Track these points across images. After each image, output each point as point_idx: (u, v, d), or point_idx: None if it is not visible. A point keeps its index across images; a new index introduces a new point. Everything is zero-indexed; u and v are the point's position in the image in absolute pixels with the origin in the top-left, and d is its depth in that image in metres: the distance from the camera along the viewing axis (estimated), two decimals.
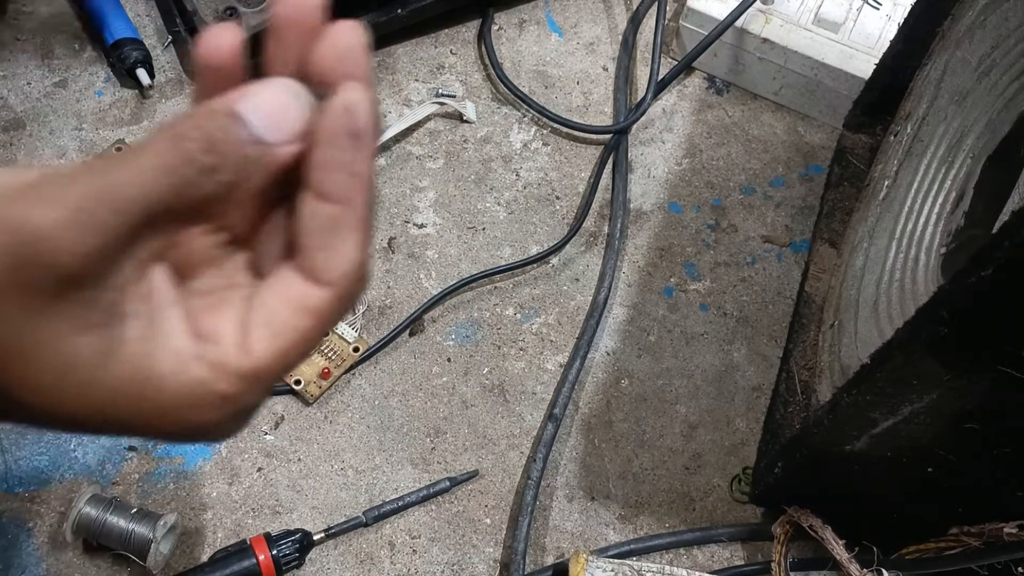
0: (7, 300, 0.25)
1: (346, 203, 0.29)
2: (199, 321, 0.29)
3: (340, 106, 0.28)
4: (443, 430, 0.73)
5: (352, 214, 0.29)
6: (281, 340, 0.29)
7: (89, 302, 0.26)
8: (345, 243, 0.29)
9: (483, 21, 0.91)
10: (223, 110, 0.28)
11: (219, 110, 0.28)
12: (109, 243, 0.26)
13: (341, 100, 0.28)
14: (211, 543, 0.68)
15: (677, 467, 0.74)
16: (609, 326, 0.79)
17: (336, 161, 0.28)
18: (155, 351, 0.28)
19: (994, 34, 0.59)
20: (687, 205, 0.85)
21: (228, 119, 0.28)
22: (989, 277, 0.39)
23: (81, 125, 0.83)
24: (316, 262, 0.29)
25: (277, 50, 0.32)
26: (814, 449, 0.61)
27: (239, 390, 0.29)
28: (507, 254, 0.81)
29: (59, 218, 0.25)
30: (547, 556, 0.70)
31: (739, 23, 0.85)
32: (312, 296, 0.29)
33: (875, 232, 0.68)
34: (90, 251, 0.25)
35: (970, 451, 0.53)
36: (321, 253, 0.29)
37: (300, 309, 0.29)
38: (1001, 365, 0.43)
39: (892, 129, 0.77)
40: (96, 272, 0.26)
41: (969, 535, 0.59)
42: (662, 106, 0.90)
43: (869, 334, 0.61)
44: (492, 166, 0.85)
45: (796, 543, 0.68)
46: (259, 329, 0.29)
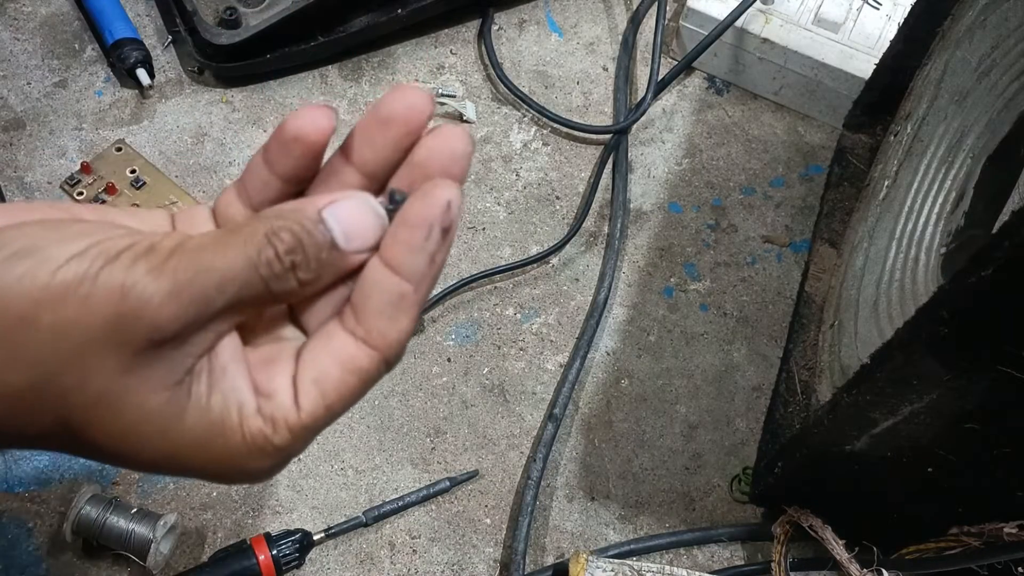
0: (105, 354, 0.28)
1: (417, 283, 0.31)
2: (256, 376, 0.32)
3: (442, 200, 0.30)
4: (443, 430, 0.73)
5: (418, 294, 0.31)
6: (330, 397, 0.31)
7: (173, 362, 0.29)
8: (405, 316, 0.31)
9: (483, 21, 0.91)
10: (312, 215, 0.30)
11: (309, 215, 0.30)
12: (202, 318, 0.29)
13: (444, 195, 0.31)
14: (211, 543, 0.68)
15: (677, 467, 0.74)
16: (609, 326, 0.79)
17: (421, 247, 0.31)
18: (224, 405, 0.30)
19: (994, 34, 0.59)
20: (687, 205, 0.85)
21: (316, 225, 0.30)
22: (989, 277, 0.39)
23: (81, 125, 0.83)
24: (373, 327, 0.31)
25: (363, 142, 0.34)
26: (814, 449, 0.61)
27: (291, 442, 0.31)
28: (507, 254, 0.81)
29: (163, 289, 0.28)
30: (547, 556, 0.70)
31: (739, 23, 0.85)
32: (363, 358, 0.31)
33: (875, 232, 0.68)
34: (186, 322, 0.29)
35: (970, 451, 0.53)
36: (381, 321, 0.31)
37: (350, 369, 0.31)
38: (1001, 365, 0.43)
39: (892, 129, 0.77)
40: (185, 338, 0.29)
41: (969, 535, 0.59)
42: (662, 106, 0.90)
43: (869, 334, 0.61)
44: (492, 166, 0.85)
45: (796, 543, 0.68)
46: (310, 386, 0.31)
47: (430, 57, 0.89)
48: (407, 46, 0.90)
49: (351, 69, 0.88)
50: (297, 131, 0.33)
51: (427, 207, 0.31)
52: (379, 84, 0.87)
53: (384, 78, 0.88)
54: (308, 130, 0.33)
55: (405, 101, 0.33)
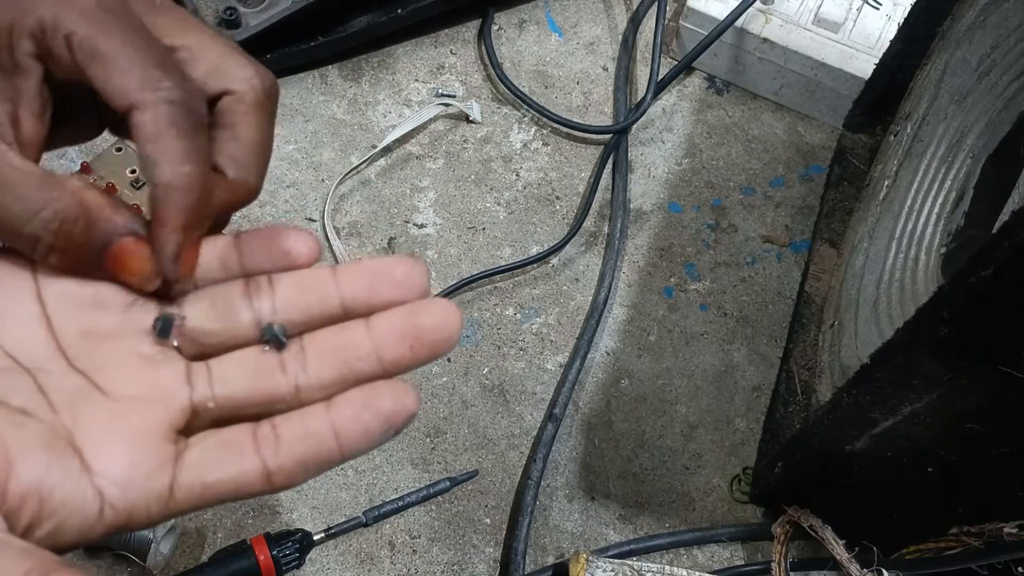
0: None
1: (347, 456, 0.31)
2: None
3: (410, 410, 0.31)
4: (443, 430, 0.74)
5: (343, 461, 0.32)
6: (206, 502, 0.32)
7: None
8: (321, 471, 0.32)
9: (483, 21, 0.91)
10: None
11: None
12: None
13: (413, 407, 0.32)
14: (211, 543, 0.68)
15: (677, 467, 0.74)
16: (609, 326, 0.79)
17: (374, 438, 0.31)
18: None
19: (994, 34, 0.59)
20: (687, 205, 0.85)
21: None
22: (989, 277, 0.39)
23: None
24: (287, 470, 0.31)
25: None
26: (814, 449, 0.61)
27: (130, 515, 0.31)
28: (507, 254, 0.81)
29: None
30: (547, 556, 0.70)
31: (739, 23, 0.85)
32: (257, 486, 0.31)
33: (875, 232, 0.68)
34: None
35: (970, 451, 0.53)
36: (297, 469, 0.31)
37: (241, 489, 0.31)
38: (1001, 365, 0.43)
39: (892, 129, 0.77)
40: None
41: (969, 535, 0.59)
42: (662, 106, 0.90)
43: (869, 334, 0.61)
44: (492, 166, 0.85)
45: (796, 543, 0.68)
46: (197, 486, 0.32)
47: (430, 57, 0.90)
48: (407, 46, 0.90)
49: (351, 69, 0.88)
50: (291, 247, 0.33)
51: (399, 411, 0.31)
52: (379, 84, 0.87)
53: (384, 78, 0.88)
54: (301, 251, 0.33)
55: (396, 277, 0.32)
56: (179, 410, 0.31)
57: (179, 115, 0.30)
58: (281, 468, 0.30)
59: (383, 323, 0.32)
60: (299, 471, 0.31)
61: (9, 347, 0.31)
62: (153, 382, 0.31)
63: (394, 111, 0.86)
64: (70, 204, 0.30)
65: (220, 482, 0.30)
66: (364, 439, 0.31)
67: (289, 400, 0.32)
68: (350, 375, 0.32)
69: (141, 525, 0.30)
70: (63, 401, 0.30)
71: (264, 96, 0.33)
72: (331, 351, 0.32)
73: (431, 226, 0.81)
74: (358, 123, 0.85)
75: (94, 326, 0.32)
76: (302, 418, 0.31)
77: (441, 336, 0.32)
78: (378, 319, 0.32)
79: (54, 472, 0.28)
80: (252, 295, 0.33)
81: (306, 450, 0.30)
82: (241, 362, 0.32)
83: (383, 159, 0.84)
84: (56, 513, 0.28)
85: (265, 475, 0.30)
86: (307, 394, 0.32)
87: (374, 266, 0.32)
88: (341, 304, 0.33)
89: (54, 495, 0.28)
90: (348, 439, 0.31)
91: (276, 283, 0.33)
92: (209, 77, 0.33)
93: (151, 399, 0.31)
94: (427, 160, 0.84)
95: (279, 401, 0.32)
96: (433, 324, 0.32)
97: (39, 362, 0.31)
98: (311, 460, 0.31)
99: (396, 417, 0.31)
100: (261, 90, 0.33)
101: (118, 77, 0.30)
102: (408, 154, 0.85)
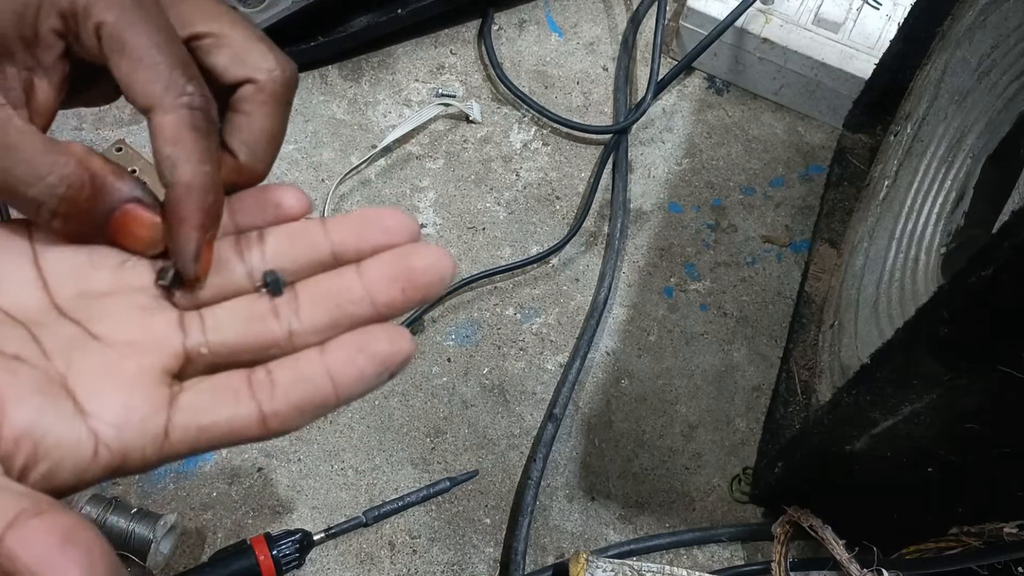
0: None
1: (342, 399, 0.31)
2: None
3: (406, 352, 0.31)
4: (443, 430, 0.73)
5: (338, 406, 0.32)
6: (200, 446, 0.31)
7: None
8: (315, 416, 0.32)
9: (483, 21, 0.91)
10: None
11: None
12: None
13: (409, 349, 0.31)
14: (211, 543, 0.68)
15: (677, 467, 0.74)
16: (609, 326, 0.79)
17: (369, 379, 0.31)
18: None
19: (994, 34, 0.59)
20: (687, 205, 0.85)
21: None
22: (989, 277, 0.39)
23: (81, 125, 0.83)
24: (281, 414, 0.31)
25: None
26: (814, 449, 0.61)
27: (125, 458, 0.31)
28: (507, 254, 0.81)
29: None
30: (547, 556, 0.70)
31: (739, 23, 0.85)
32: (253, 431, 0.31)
33: (875, 232, 0.68)
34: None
35: (970, 451, 0.53)
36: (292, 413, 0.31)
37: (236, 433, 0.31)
38: (1001, 365, 0.43)
39: (892, 129, 0.77)
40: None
41: (969, 535, 0.59)
42: (662, 106, 0.90)
43: (869, 334, 0.61)
44: (492, 166, 0.85)
45: (796, 543, 0.68)
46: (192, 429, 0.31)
47: (430, 57, 0.89)
48: (407, 46, 0.90)
49: (351, 69, 0.88)
50: (281, 200, 0.34)
51: (395, 353, 0.31)
52: (379, 84, 0.87)
53: (384, 78, 0.88)
54: (291, 203, 0.34)
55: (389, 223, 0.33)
56: (172, 355, 0.32)
57: (199, 120, 0.31)
58: (276, 412, 0.30)
59: (374, 267, 0.32)
60: (295, 415, 0.31)
61: (5, 306, 0.31)
62: (146, 328, 0.32)
63: (394, 111, 0.86)
64: (76, 170, 0.31)
65: (215, 424, 0.30)
66: (359, 382, 0.31)
67: (283, 345, 0.32)
68: (343, 319, 0.32)
69: (136, 468, 0.30)
70: (57, 348, 0.30)
71: (283, 87, 0.34)
72: (323, 296, 0.32)
73: (431, 226, 0.81)
74: (358, 123, 0.85)
75: (90, 287, 0.32)
76: (296, 362, 0.31)
77: (433, 278, 0.32)
78: (369, 263, 0.32)
79: (47, 415, 0.29)
80: (243, 249, 0.33)
81: (302, 394, 0.31)
82: (234, 309, 0.33)
83: (383, 159, 0.84)
84: (50, 455, 0.28)
85: (260, 419, 0.30)
86: (301, 339, 0.32)
87: (363, 214, 0.33)
88: (331, 252, 0.33)
89: (47, 437, 0.28)
90: (343, 382, 0.31)
91: (266, 236, 0.34)
92: (232, 65, 0.33)
93: (144, 344, 0.31)
94: (427, 160, 0.84)
95: (272, 346, 0.32)
96: (425, 266, 0.32)
97: (34, 317, 0.31)
98: (307, 404, 0.31)
99: (391, 359, 0.31)
100: (281, 81, 0.34)
101: (143, 76, 0.31)
102: (408, 154, 0.85)
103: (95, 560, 0.25)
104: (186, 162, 0.31)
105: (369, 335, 0.31)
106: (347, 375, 0.31)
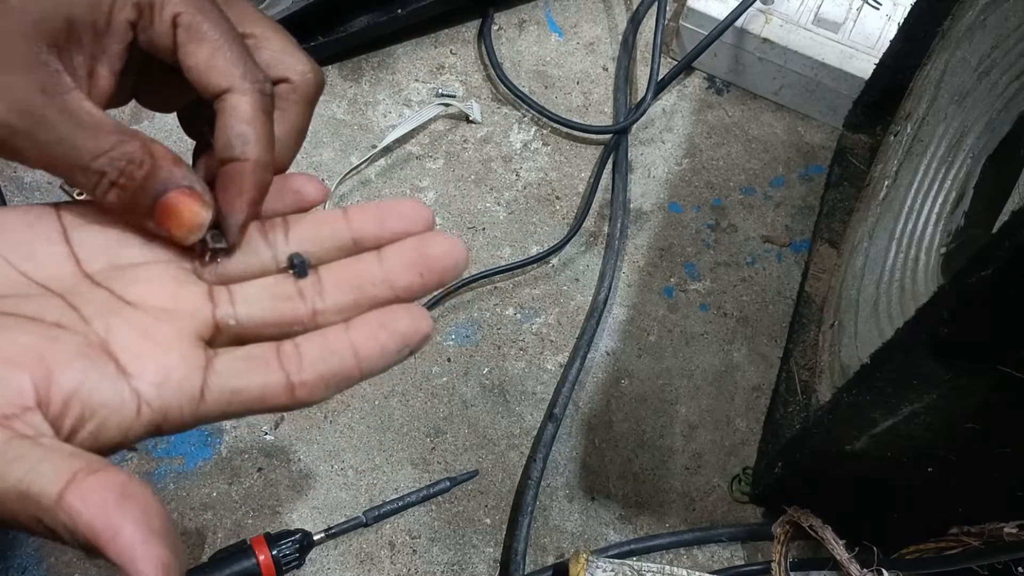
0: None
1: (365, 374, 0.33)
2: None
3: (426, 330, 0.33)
4: (443, 430, 0.73)
5: (361, 379, 0.33)
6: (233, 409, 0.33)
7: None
8: (339, 388, 0.33)
9: (483, 21, 0.91)
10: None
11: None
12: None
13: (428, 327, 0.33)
14: (211, 543, 0.68)
15: (677, 467, 0.74)
16: (609, 326, 0.79)
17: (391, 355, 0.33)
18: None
19: (994, 34, 0.59)
20: (687, 205, 0.85)
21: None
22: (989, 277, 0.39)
23: None
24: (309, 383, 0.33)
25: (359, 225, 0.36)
26: (814, 449, 0.61)
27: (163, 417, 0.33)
28: (507, 254, 0.81)
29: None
30: (547, 556, 0.70)
31: (739, 23, 0.85)
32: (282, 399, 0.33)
33: (875, 232, 0.68)
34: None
35: (970, 451, 0.53)
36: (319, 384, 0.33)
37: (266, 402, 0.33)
38: (1001, 365, 0.43)
39: (892, 129, 0.77)
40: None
41: (969, 535, 0.59)
42: (662, 106, 0.90)
43: (869, 334, 0.61)
44: (492, 166, 0.85)
45: (796, 543, 0.68)
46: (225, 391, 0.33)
47: (430, 57, 0.90)
48: (407, 46, 0.90)
49: (351, 69, 0.88)
50: (300, 187, 0.36)
51: (415, 331, 0.33)
52: (379, 84, 0.87)
53: (384, 78, 0.88)
54: (309, 190, 0.36)
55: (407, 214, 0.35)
56: (204, 323, 0.33)
57: (267, 105, 0.35)
58: (304, 383, 0.32)
59: (393, 253, 0.34)
60: (320, 386, 0.32)
61: (40, 279, 0.33)
62: (177, 297, 0.33)
63: (394, 111, 0.86)
64: (139, 149, 0.33)
65: (247, 389, 0.32)
66: (381, 357, 0.32)
67: (307, 323, 0.34)
68: (364, 300, 0.34)
69: (175, 426, 0.32)
70: (95, 314, 0.32)
71: (314, 89, 0.37)
72: (346, 278, 0.34)
73: None
74: (358, 123, 0.85)
75: (119, 260, 0.34)
76: (323, 337, 0.33)
77: (448, 264, 0.34)
78: (389, 250, 0.35)
79: (91, 376, 0.30)
80: (268, 232, 0.35)
81: (327, 366, 0.32)
82: (261, 287, 0.35)
83: (383, 159, 0.84)
84: (96, 414, 0.30)
85: (289, 388, 0.32)
86: (324, 318, 0.34)
87: (382, 204, 0.35)
88: (352, 238, 0.35)
89: (93, 397, 0.30)
90: (366, 356, 0.32)
91: (290, 222, 0.36)
92: (271, 64, 0.36)
93: (177, 311, 0.33)
94: (427, 160, 0.84)
95: (297, 323, 0.34)
96: (441, 252, 0.34)
97: (70, 287, 0.33)
98: (332, 376, 0.32)
99: (412, 337, 0.33)
100: (313, 83, 0.37)
101: (223, 61, 0.34)
102: (408, 154, 0.85)
103: (151, 514, 0.27)
104: (256, 141, 0.34)
105: (391, 313, 0.33)
106: (370, 349, 0.32)
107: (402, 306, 0.33)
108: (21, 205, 0.35)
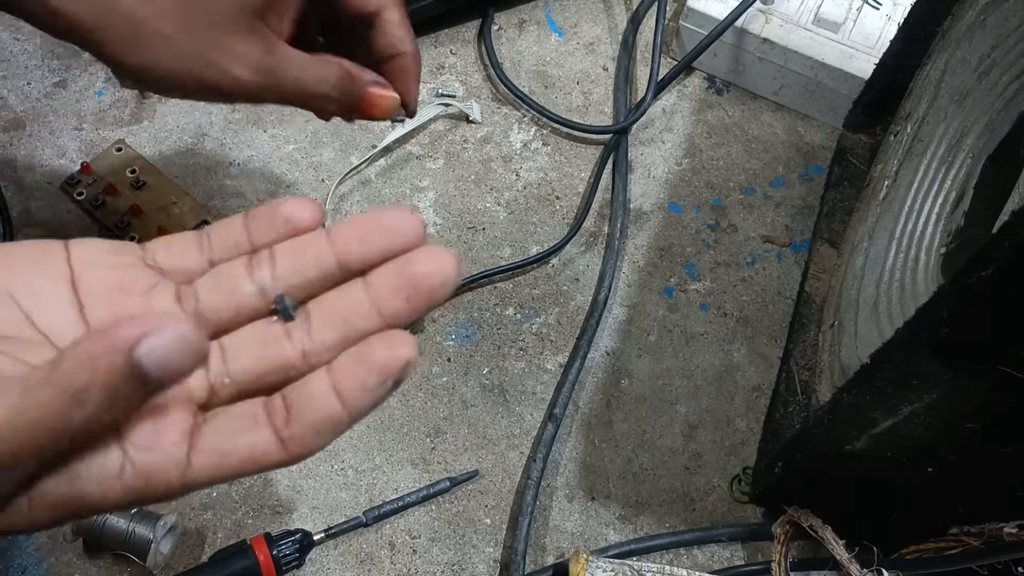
0: None
1: (354, 416, 0.32)
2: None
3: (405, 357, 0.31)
4: (443, 430, 0.73)
5: (351, 422, 0.32)
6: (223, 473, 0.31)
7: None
8: (332, 436, 0.32)
9: (483, 21, 0.91)
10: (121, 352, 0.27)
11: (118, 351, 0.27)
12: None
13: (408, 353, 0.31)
14: (211, 543, 0.68)
15: (677, 467, 0.74)
16: (609, 326, 0.79)
17: (373, 390, 0.31)
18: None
19: (994, 34, 0.59)
20: (687, 205, 0.85)
21: (125, 365, 0.27)
22: (989, 277, 0.39)
23: (81, 125, 0.83)
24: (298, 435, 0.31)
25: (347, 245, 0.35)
26: (814, 449, 0.61)
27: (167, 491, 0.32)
28: (507, 254, 0.81)
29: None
30: (547, 556, 0.70)
31: (739, 23, 0.85)
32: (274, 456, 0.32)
33: (875, 232, 0.68)
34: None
35: (970, 451, 0.53)
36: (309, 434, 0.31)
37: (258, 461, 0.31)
38: (1001, 365, 0.43)
39: (892, 129, 0.77)
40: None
41: (969, 535, 0.59)
42: (662, 106, 0.90)
43: (869, 334, 0.61)
44: (492, 166, 0.85)
45: (796, 543, 0.68)
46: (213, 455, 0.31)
47: (430, 57, 0.89)
48: None
49: None
50: (291, 214, 0.34)
51: (393, 360, 0.31)
52: None
53: None
54: (302, 216, 0.34)
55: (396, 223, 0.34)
56: (197, 387, 0.32)
57: (406, 14, 0.53)
58: (293, 436, 0.31)
59: (379, 279, 0.33)
60: (312, 437, 0.31)
61: (42, 325, 0.32)
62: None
63: None
64: (342, 71, 0.49)
65: (235, 451, 0.31)
66: (364, 395, 0.31)
67: (300, 366, 0.32)
68: (353, 334, 0.32)
69: (159, 493, 0.30)
70: None
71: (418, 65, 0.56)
72: (332, 313, 0.33)
73: (431, 226, 0.81)
74: (358, 123, 0.85)
75: (119, 311, 0.33)
76: (306, 384, 0.32)
77: (435, 283, 0.32)
78: (374, 275, 0.33)
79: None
80: (254, 267, 0.34)
81: (313, 414, 0.31)
82: (248, 336, 0.33)
83: (383, 159, 0.84)
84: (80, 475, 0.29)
85: (280, 444, 0.31)
86: (315, 358, 0.32)
87: (365, 219, 0.34)
88: (337, 263, 0.33)
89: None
90: (350, 398, 0.31)
91: (276, 253, 0.34)
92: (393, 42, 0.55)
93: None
94: (427, 160, 0.84)
95: (289, 367, 0.32)
96: (425, 272, 0.32)
97: (67, 336, 0.32)
98: (321, 424, 0.31)
99: (391, 366, 0.31)
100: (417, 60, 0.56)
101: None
102: (408, 154, 0.85)
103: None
104: (411, 40, 0.52)
105: (366, 346, 0.31)
106: (351, 389, 0.31)
107: (379, 335, 0.32)
108: (32, 240, 0.35)
